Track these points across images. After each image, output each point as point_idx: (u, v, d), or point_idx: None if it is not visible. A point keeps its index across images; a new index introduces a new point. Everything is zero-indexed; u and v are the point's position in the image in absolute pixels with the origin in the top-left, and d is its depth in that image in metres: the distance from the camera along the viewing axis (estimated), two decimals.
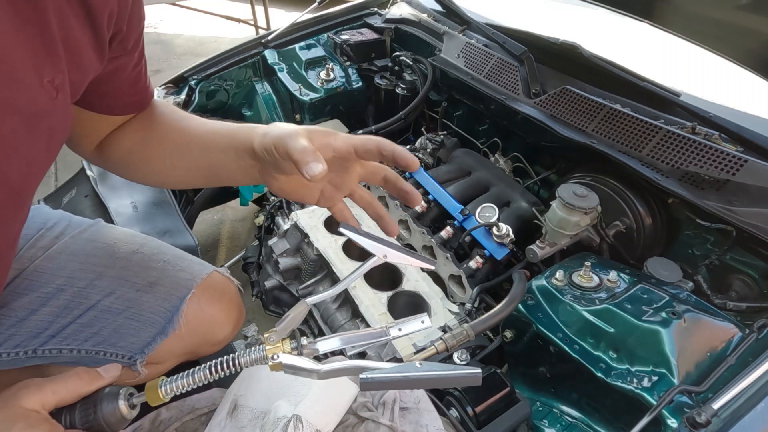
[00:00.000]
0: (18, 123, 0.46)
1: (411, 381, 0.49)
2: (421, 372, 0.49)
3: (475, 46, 1.41)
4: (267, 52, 1.67)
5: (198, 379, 0.53)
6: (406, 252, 0.63)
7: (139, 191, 1.18)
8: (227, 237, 1.96)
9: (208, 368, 0.54)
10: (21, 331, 0.68)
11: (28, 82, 0.45)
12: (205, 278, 0.81)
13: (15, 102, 0.45)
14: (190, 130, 0.66)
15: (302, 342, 0.55)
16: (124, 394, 0.53)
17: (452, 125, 1.56)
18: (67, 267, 0.73)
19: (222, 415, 0.64)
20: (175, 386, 0.53)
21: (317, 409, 0.62)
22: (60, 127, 0.54)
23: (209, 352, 0.85)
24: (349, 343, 0.56)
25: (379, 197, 1.31)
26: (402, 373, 0.49)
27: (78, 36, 0.49)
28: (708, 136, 1.00)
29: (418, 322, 0.56)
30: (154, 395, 0.53)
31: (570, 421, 0.79)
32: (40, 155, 0.53)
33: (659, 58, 1.36)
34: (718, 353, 0.75)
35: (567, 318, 0.82)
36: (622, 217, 1.06)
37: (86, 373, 0.53)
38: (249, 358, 0.54)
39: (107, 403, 0.52)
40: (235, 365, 0.54)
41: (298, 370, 0.53)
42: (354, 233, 0.61)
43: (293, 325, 0.57)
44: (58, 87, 0.49)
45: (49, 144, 0.53)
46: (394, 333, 0.56)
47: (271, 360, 0.53)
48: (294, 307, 0.58)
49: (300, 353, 0.55)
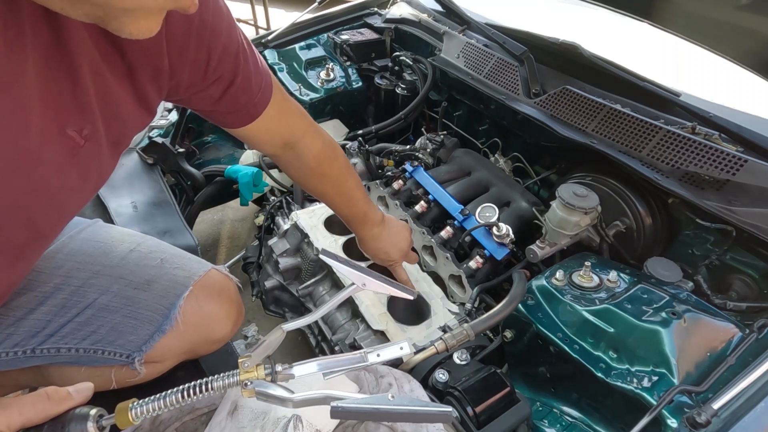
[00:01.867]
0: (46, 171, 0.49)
1: (381, 414, 0.49)
2: (391, 405, 0.49)
3: (475, 46, 1.41)
4: (267, 52, 1.67)
5: (170, 402, 0.53)
6: (385, 281, 0.64)
7: (139, 191, 1.17)
8: (227, 237, 1.96)
9: (180, 392, 0.53)
10: (19, 330, 0.68)
11: (45, 131, 0.47)
12: (203, 276, 0.81)
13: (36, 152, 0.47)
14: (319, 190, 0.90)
15: (277, 369, 0.55)
16: (93, 416, 0.51)
17: (452, 125, 1.56)
18: (64, 266, 0.73)
19: (222, 415, 0.64)
20: (145, 409, 0.52)
21: (317, 409, 0.61)
22: (94, 175, 0.57)
23: (208, 351, 0.85)
24: (326, 368, 0.56)
25: (379, 197, 1.31)
26: (372, 405, 0.49)
27: (116, 91, 0.52)
28: (708, 136, 1.00)
29: (396, 348, 0.57)
30: (123, 418, 0.52)
31: (570, 421, 0.79)
32: (73, 202, 0.57)
33: (659, 58, 1.36)
34: (718, 353, 0.75)
35: (567, 318, 0.82)
36: (622, 217, 1.06)
37: (55, 393, 0.52)
38: (222, 383, 0.54)
39: (75, 424, 0.50)
40: (208, 389, 0.53)
41: (270, 398, 0.53)
42: (334, 261, 0.63)
43: (269, 350, 0.57)
44: (87, 137, 0.51)
45: (83, 190, 0.57)
46: (372, 359, 0.57)
47: (244, 387, 0.53)
48: (270, 333, 0.59)
49: (274, 380, 0.54)
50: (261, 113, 0.71)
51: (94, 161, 0.55)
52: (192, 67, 0.58)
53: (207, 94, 0.64)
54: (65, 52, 0.45)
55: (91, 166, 0.55)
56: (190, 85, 0.61)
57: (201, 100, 0.65)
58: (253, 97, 0.68)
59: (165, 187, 1.20)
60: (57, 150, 0.49)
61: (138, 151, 1.28)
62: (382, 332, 0.97)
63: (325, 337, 1.09)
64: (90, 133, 0.52)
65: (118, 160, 0.61)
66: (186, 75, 0.59)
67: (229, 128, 0.73)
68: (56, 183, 0.51)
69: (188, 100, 0.65)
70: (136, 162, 1.25)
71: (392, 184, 1.31)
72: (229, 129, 0.73)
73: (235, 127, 0.72)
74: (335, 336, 1.06)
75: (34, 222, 0.53)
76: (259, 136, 0.76)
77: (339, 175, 0.89)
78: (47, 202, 0.52)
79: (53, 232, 0.60)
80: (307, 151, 0.83)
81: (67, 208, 0.59)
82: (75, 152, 0.51)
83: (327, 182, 0.89)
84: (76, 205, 0.60)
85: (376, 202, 1.32)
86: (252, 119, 0.71)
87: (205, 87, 0.63)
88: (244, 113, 0.70)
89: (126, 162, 1.26)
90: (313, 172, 0.86)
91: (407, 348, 0.57)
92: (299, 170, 0.86)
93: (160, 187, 1.19)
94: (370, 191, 1.33)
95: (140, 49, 0.51)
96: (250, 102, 0.69)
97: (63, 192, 0.53)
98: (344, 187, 0.91)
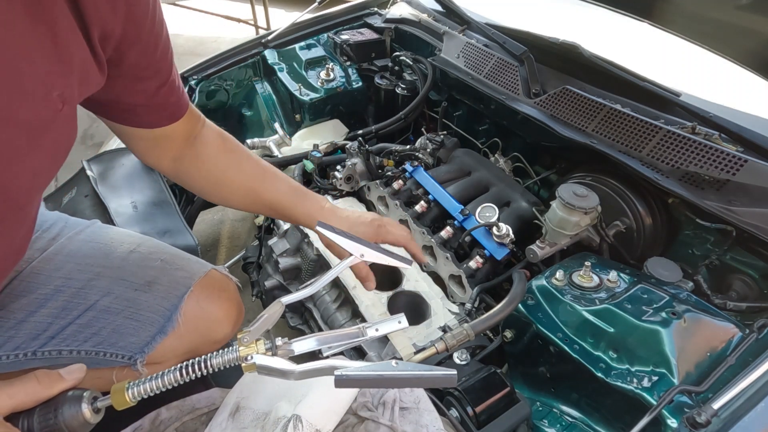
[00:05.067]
0: (17, 134, 0.46)
1: (385, 380, 0.49)
2: (395, 371, 0.49)
3: (475, 46, 1.41)
4: (267, 52, 1.67)
5: (168, 381, 0.51)
6: (383, 251, 0.63)
7: (139, 191, 1.17)
8: (227, 237, 1.96)
9: (178, 370, 0.51)
10: (20, 333, 0.68)
11: (34, 94, 0.46)
12: (204, 276, 0.81)
13: (17, 114, 0.45)
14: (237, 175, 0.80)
15: (277, 342, 0.54)
16: (87, 398, 0.50)
17: (452, 125, 1.56)
18: (64, 268, 0.73)
19: (223, 416, 0.64)
20: (143, 389, 0.51)
21: (317, 408, 0.61)
22: (65, 139, 0.54)
23: (209, 351, 0.85)
24: (325, 344, 0.55)
25: (379, 197, 1.31)
26: (376, 371, 0.49)
27: (82, 50, 0.50)
28: (708, 136, 1.00)
29: (395, 322, 0.56)
30: (120, 399, 0.50)
31: (570, 421, 0.79)
32: (45, 167, 0.53)
33: (659, 58, 1.36)
34: (718, 353, 0.75)
35: (567, 318, 0.82)
36: (622, 217, 1.06)
37: (46, 376, 0.50)
38: (221, 360, 0.53)
39: (69, 406, 0.49)
40: (207, 367, 0.52)
41: (272, 372, 0.52)
42: (331, 232, 0.62)
43: (268, 325, 0.56)
44: (66, 100, 0.49)
45: (54, 156, 0.54)
46: (370, 333, 0.56)
47: (245, 361, 0.52)
48: (269, 307, 0.58)
49: (274, 354, 0.53)
50: (184, 114, 0.71)
51: (68, 125, 0.53)
52: (143, 49, 0.58)
53: (144, 86, 0.63)
54: (44, 9, 0.44)
55: (67, 130, 0.53)
56: (133, 66, 0.59)
57: (137, 91, 0.63)
58: (179, 99, 0.69)
59: (165, 187, 1.20)
60: (41, 116, 0.47)
61: None
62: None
63: None
64: (69, 96, 0.50)
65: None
66: (134, 54, 0.58)
67: (147, 128, 0.70)
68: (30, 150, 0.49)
69: (123, 87, 0.62)
70: (136, 162, 1.25)
71: (392, 184, 1.31)
72: (144, 130, 0.70)
73: (155, 126, 0.70)
74: None
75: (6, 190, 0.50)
76: (172, 137, 0.73)
77: (245, 151, 0.82)
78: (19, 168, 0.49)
79: (27, 202, 0.57)
80: (209, 134, 0.78)
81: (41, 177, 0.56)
82: (54, 118, 0.49)
83: (239, 157, 0.80)
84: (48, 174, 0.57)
85: (376, 202, 1.32)
86: (175, 120, 0.71)
87: (146, 76, 0.62)
88: (169, 113, 0.70)
89: (126, 162, 1.25)
90: (219, 152, 0.79)
91: (405, 322, 0.56)
92: (205, 159, 0.78)
93: (160, 187, 1.19)
94: (370, 191, 1.33)
95: (95, 6, 0.49)
96: (175, 103, 0.69)
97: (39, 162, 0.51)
98: (262, 163, 0.83)
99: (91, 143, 2.59)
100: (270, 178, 0.82)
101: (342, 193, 1.35)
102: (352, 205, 1.31)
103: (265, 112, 1.69)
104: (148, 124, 0.69)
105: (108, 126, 0.71)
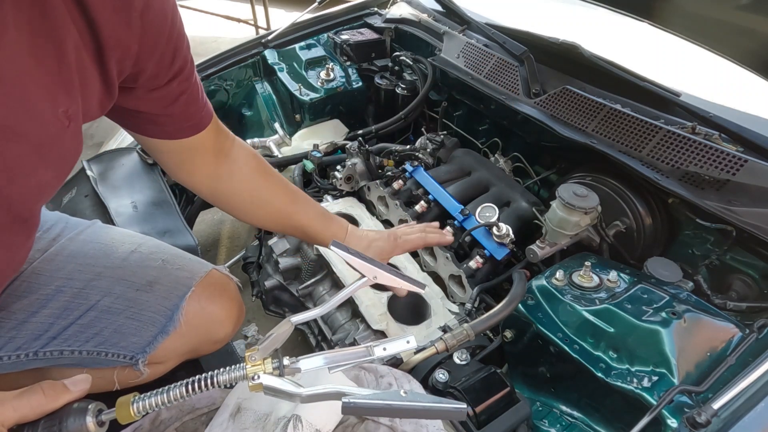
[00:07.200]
0: (26, 150, 0.47)
1: (393, 410, 0.48)
2: (404, 402, 0.48)
3: (475, 46, 1.41)
4: (267, 52, 1.67)
5: (173, 396, 0.51)
6: (396, 274, 0.63)
7: (139, 191, 1.17)
8: (227, 237, 1.96)
9: (184, 386, 0.51)
10: (21, 333, 0.68)
11: (41, 111, 0.47)
12: (205, 276, 0.81)
13: (24, 130, 0.46)
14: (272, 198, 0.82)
15: (284, 362, 0.54)
16: (92, 410, 0.49)
17: (452, 125, 1.56)
18: (65, 268, 0.73)
19: (224, 417, 0.64)
20: (147, 404, 0.50)
21: (317, 409, 0.61)
22: (71, 155, 0.55)
23: (210, 351, 0.85)
24: (332, 362, 0.55)
25: (379, 197, 1.31)
26: (385, 401, 0.48)
27: (90, 69, 0.51)
28: (708, 136, 1.00)
29: (403, 342, 0.56)
30: (125, 413, 0.50)
31: (570, 421, 0.79)
32: (50, 182, 0.55)
33: (659, 58, 1.36)
34: (718, 353, 0.75)
35: (567, 318, 0.82)
36: (622, 217, 1.06)
37: (51, 388, 0.50)
38: (228, 377, 0.52)
39: (74, 419, 0.48)
40: (213, 384, 0.52)
41: (279, 393, 0.51)
42: (345, 252, 0.61)
43: (277, 344, 0.56)
44: (71, 117, 0.50)
45: (60, 171, 0.55)
46: (378, 352, 0.56)
47: (252, 380, 0.52)
48: (278, 326, 0.57)
49: (281, 373, 0.53)
50: (207, 125, 0.71)
51: (74, 141, 0.54)
52: (159, 59, 0.58)
53: (163, 94, 0.63)
54: (51, 29, 0.45)
55: (73, 145, 0.54)
56: (152, 77, 0.59)
57: (156, 100, 0.63)
58: (201, 109, 0.69)
59: (165, 187, 1.20)
60: (49, 132, 0.48)
61: (138, 151, 1.28)
62: (382, 332, 0.97)
63: (325, 336, 1.09)
64: (74, 113, 0.51)
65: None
66: (151, 65, 0.58)
67: (171, 139, 0.70)
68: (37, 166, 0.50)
69: (142, 98, 0.62)
70: (136, 162, 1.25)
71: (392, 184, 1.31)
72: (171, 142, 0.70)
73: (179, 137, 0.70)
74: (335, 336, 1.06)
75: (10, 203, 0.50)
76: (200, 150, 0.74)
77: (277, 174, 0.84)
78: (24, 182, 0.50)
79: (31, 215, 0.57)
80: (242, 153, 0.79)
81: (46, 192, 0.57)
82: (61, 134, 0.50)
83: (274, 180, 0.83)
84: (53, 189, 0.58)
85: (376, 202, 1.32)
86: (198, 131, 0.70)
87: (164, 84, 0.62)
88: (192, 123, 0.69)
89: (126, 162, 1.26)
90: (254, 173, 0.81)
91: (414, 342, 0.56)
92: (241, 179, 0.79)
93: (160, 186, 1.19)
94: (370, 191, 1.33)
95: (112, 27, 0.50)
96: (197, 113, 0.69)
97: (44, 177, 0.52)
98: (290, 186, 0.86)
99: (91, 143, 2.59)
100: (301, 202, 0.86)
101: (342, 193, 1.35)
102: (352, 205, 1.31)
103: (265, 112, 1.69)
104: (172, 134, 0.69)
105: (137, 141, 0.72)
